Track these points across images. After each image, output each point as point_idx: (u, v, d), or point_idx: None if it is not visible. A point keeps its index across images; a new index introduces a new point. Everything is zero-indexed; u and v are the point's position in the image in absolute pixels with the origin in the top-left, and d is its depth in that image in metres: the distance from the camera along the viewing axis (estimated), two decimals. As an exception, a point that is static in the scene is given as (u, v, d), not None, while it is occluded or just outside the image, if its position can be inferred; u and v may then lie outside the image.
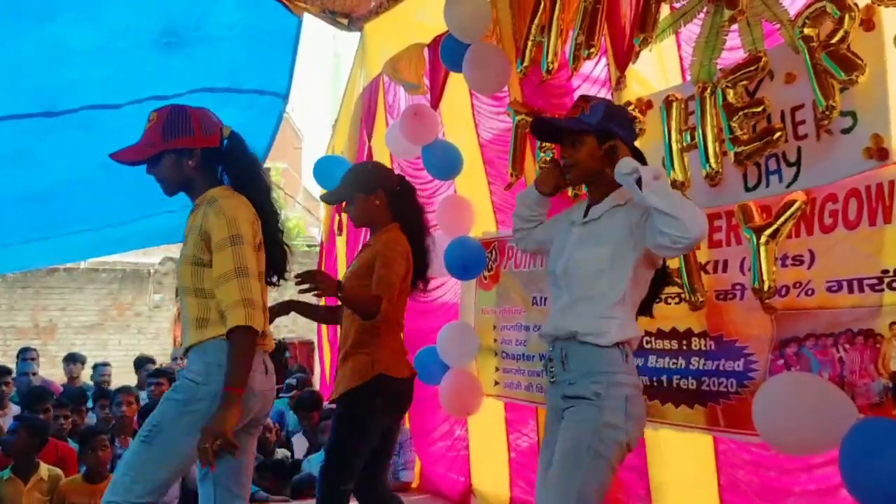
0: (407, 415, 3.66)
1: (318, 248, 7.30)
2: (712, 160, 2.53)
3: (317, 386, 6.56)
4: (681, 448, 2.88)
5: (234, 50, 4.00)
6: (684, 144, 2.66)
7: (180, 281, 2.28)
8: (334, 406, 2.90)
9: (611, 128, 2.17)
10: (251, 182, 2.34)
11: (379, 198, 2.87)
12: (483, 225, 4.04)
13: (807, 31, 2.23)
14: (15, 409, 5.02)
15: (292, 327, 12.44)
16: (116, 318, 12.82)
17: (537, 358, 3.55)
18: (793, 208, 2.38)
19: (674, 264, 2.62)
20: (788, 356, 2.42)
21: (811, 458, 2.44)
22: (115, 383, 6.48)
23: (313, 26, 4.82)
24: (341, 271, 5.58)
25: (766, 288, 2.41)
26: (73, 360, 7.11)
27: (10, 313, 12.21)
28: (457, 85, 3.77)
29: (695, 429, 2.73)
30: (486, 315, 3.98)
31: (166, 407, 2.19)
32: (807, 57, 2.23)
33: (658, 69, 2.92)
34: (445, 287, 4.34)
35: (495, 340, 3.88)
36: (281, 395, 6.31)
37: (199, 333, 2.21)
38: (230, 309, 2.12)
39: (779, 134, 2.35)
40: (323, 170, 4.29)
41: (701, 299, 2.66)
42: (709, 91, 2.53)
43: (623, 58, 2.85)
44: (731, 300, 2.60)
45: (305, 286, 2.52)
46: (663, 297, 2.50)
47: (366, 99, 4.88)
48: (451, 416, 4.25)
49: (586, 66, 3.09)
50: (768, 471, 2.65)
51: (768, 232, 2.41)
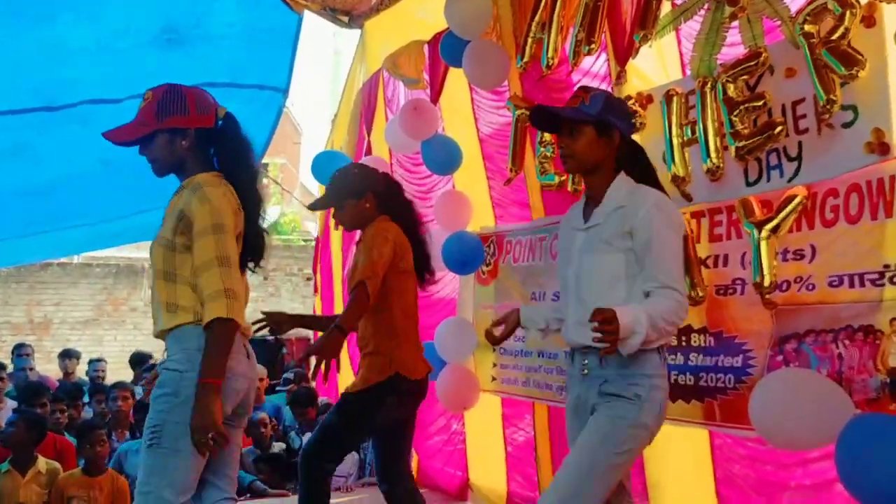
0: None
1: (313, 243, 7.30)
2: (713, 155, 2.53)
3: (313, 382, 6.54)
4: (677, 443, 2.88)
5: (235, 47, 4.00)
6: (685, 139, 2.66)
7: (152, 262, 2.24)
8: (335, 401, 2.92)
9: (610, 119, 2.16)
10: (239, 166, 2.30)
11: (368, 200, 2.87)
12: (481, 220, 4.04)
13: (807, 27, 2.24)
14: (11, 405, 5.00)
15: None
16: (112, 314, 12.77)
17: (535, 354, 3.55)
18: (794, 203, 2.37)
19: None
20: (787, 352, 2.42)
21: (807, 453, 2.43)
22: (112, 379, 6.46)
23: (314, 23, 4.81)
24: (336, 265, 5.59)
25: (766, 283, 2.41)
26: (68, 355, 7.12)
27: (5, 308, 12.16)
28: (457, 79, 3.77)
29: (691, 423, 2.73)
30: (484, 310, 3.97)
31: (158, 405, 2.15)
32: (807, 53, 2.23)
33: (658, 64, 2.92)
34: (443, 282, 4.34)
35: (493, 336, 3.87)
36: (278, 389, 6.30)
37: (171, 318, 2.17)
38: (211, 299, 2.09)
39: (780, 128, 2.36)
40: (321, 165, 4.30)
41: (701, 294, 2.65)
42: (709, 86, 2.53)
43: (623, 53, 2.85)
44: (732, 295, 2.60)
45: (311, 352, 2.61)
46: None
47: (365, 94, 4.88)
48: (447, 410, 4.26)
49: (586, 62, 3.09)
50: (764, 465, 2.65)
51: (769, 226, 2.41)
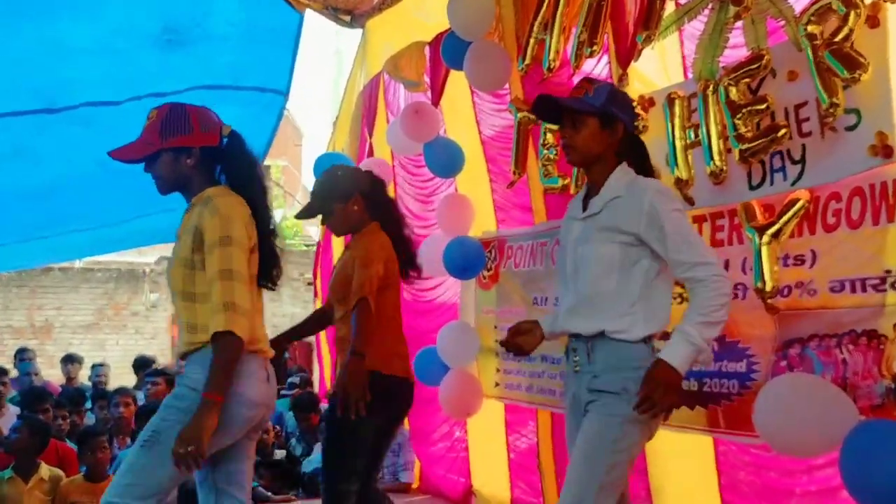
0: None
1: (314, 248, 7.29)
2: (716, 157, 2.51)
3: (317, 386, 6.53)
4: (681, 449, 2.86)
5: (235, 47, 3.98)
6: (688, 142, 2.64)
7: (171, 283, 2.24)
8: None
9: (614, 111, 2.14)
10: (249, 182, 2.31)
11: (356, 202, 2.82)
12: (483, 224, 4.02)
13: (811, 28, 2.22)
14: (13, 410, 4.98)
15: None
16: (113, 318, 12.78)
17: (538, 359, 3.52)
18: (796, 207, 2.36)
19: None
20: (791, 357, 2.40)
21: (812, 460, 2.42)
22: (114, 384, 6.45)
23: (315, 23, 4.80)
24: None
25: (768, 288, 2.39)
26: (70, 360, 7.09)
27: (6, 313, 12.17)
28: (458, 82, 3.75)
29: (695, 430, 2.71)
30: (486, 315, 3.95)
31: (166, 414, 2.18)
32: (810, 55, 2.21)
33: (660, 67, 2.90)
34: (445, 286, 4.32)
35: (496, 341, 3.84)
36: (283, 394, 6.28)
37: (191, 339, 2.19)
38: (213, 313, 2.10)
39: (783, 131, 2.33)
40: (323, 167, 4.27)
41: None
42: (711, 88, 2.51)
43: (625, 56, 2.84)
44: (734, 300, 2.55)
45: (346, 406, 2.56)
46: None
47: (366, 96, 4.86)
48: (450, 417, 4.23)
49: (588, 64, 3.06)
50: (769, 472, 2.64)
51: (771, 231, 2.39)
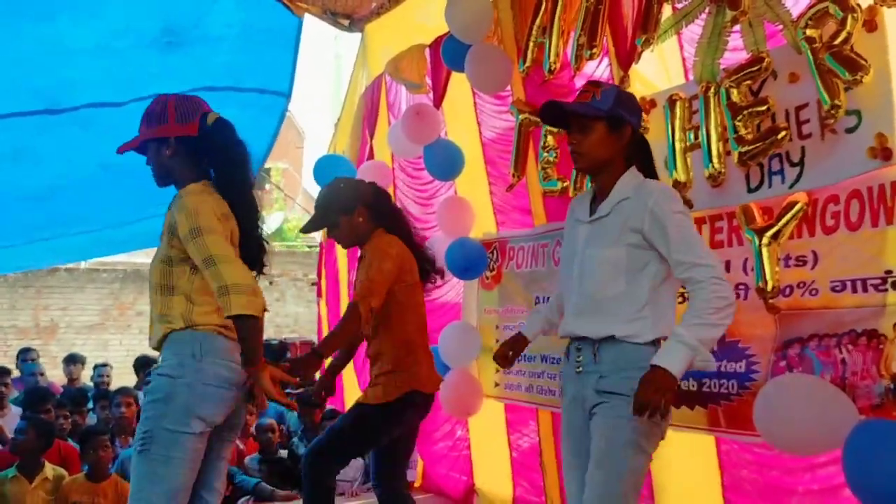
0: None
1: (318, 249, 7.29)
2: (715, 160, 2.52)
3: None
4: (683, 448, 2.87)
5: (235, 49, 3.99)
6: (687, 144, 2.65)
7: (150, 277, 2.26)
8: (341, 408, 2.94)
9: (622, 114, 2.12)
10: (230, 173, 2.29)
11: (361, 214, 2.85)
12: (483, 225, 4.03)
13: (809, 32, 2.23)
14: (15, 410, 4.99)
15: (294, 327, 12.44)
16: (118, 318, 12.79)
17: (539, 359, 3.54)
18: (794, 209, 2.36)
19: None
20: (791, 357, 2.41)
21: (814, 458, 2.43)
22: (117, 384, 6.45)
23: (315, 26, 4.81)
24: (342, 270, 5.57)
25: (769, 288, 2.40)
26: (73, 360, 7.04)
27: (12, 313, 12.17)
28: (459, 83, 3.75)
29: (696, 430, 2.72)
30: (488, 315, 3.96)
31: (149, 411, 2.16)
32: (810, 58, 2.22)
33: (661, 69, 2.91)
34: (448, 286, 4.33)
35: (497, 341, 3.85)
36: (287, 392, 6.27)
37: (162, 327, 2.20)
38: (218, 298, 2.10)
39: (783, 133, 2.35)
40: (323, 169, 4.28)
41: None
42: (712, 90, 2.52)
43: (625, 58, 2.84)
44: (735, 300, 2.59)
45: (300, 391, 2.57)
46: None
47: (368, 98, 4.87)
48: (452, 416, 4.25)
49: (589, 66, 3.07)
50: (771, 470, 2.64)
51: (770, 233, 2.39)
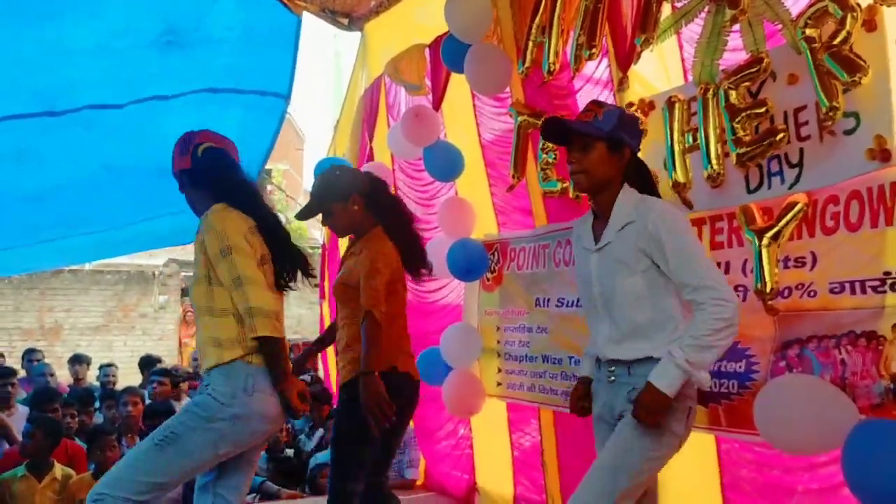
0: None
1: (319, 251, 7.29)
2: (714, 161, 2.52)
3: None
4: (683, 447, 2.87)
5: (235, 50, 3.99)
6: (686, 145, 2.65)
7: (194, 301, 2.35)
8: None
9: (622, 136, 2.14)
10: (230, 195, 2.39)
11: (356, 202, 2.82)
12: (484, 226, 4.03)
13: (809, 31, 2.22)
14: (22, 410, 5.00)
15: (297, 329, 12.46)
16: (122, 320, 12.84)
17: (540, 359, 3.55)
18: (794, 210, 2.36)
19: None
20: (790, 358, 2.41)
21: (814, 458, 2.42)
22: (122, 384, 6.49)
23: (314, 26, 4.80)
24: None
25: (768, 289, 2.39)
26: (78, 361, 7.10)
27: (16, 314, 12.24)
28: (458, 85, 3.75)
29: (697, 429, 2.71)
30: (489, 316, 3.97)
31: (187, 418, 2.24)
32: (809, 58, 2.21)
33: (660, 70, 2.90)
34: (448, 288, 4.34)
35: (498, 342, 3.87)
36: None
37: (218, 354, 2.26)
38: (244, 319, 2.22)
39: (781, 135, 2.34)
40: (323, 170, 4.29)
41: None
42: (711, 92, 2.52)
43: (625, 59, 2.84)
44: (734, 301, 2.59)
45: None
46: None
47: (367, 100, 4.87)
48: (454, 415, 4.26)
49: (588, 67, 3.07)
50: (771, 469, 2.64)
51: (770, 234, 2.39)
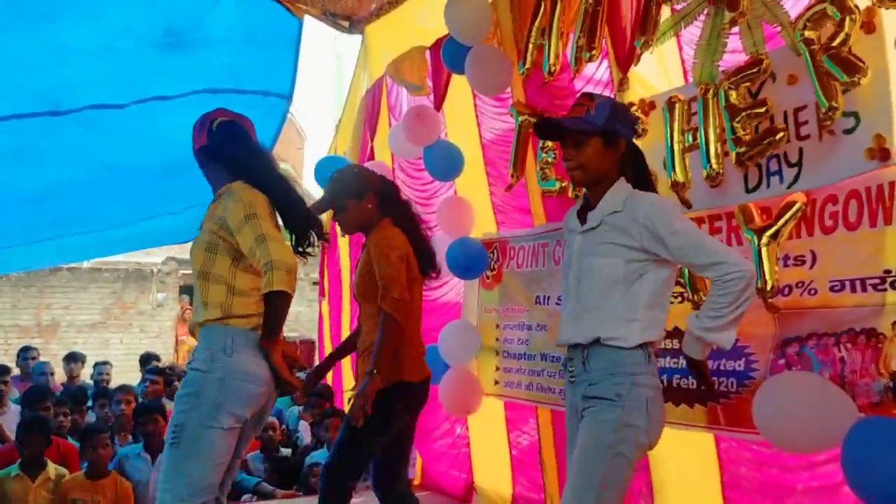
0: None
1: (319, 248, 7.29)
2: (713, 161, 2.54)
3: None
4: (682, 445, 2.88)
5: (236, 51, 4.01)
6: (686, 145, 2.66)
7: (193, 264, 2.38)
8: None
9: (617, 128, 2.12)
10: (245, 166, 2.41)
11: (370, 201, 2.85)
12: (483, 225, 4.05)
13: (808, 33, 2.24)
14: (14, 409, 4.99)
15: (294, 326, 12.45)
16: (119, 317, 12.82)
17: (539, 357, 3.56)
18: (793, 209, 2.37)
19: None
20: (790, 356, 2.42)
21: (814, 456, 2.43)
22: (116, 382, 6.46)
23: (315, 28, 4.82)
24: (345, 269, 5.59)
25: (768, 287, 2.41)
26: (73, 359, 7.02)
27: (14, 312, 12.20)
28: (460, 85, 3.76)
29: (696, 427, 2.73)
30: (488, 314, 3.98)
31: (181, 405, 2.24)
32: (808, 59, 2.23)
33: (660, 71, 2.92)
34: (448, 286, 4.35)
35: (497, 339, 3.88)
36: None
37: (202, 313, 2.30)
38: (263, 275, 2.22)
39: (781, 134, 2.36)
40: (324, 170, 4.30)
41: (703, 298, 2.64)
42: (711, 92, 2.54)
43: (624, 60, 2.85)
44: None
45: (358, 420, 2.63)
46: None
47: (369, 100, 4.88)
48: (451, 414, 4.26)
49: (589, 68, 3.09)
50: (771, 468, 2.65)
51: (769, 233, 2.41)
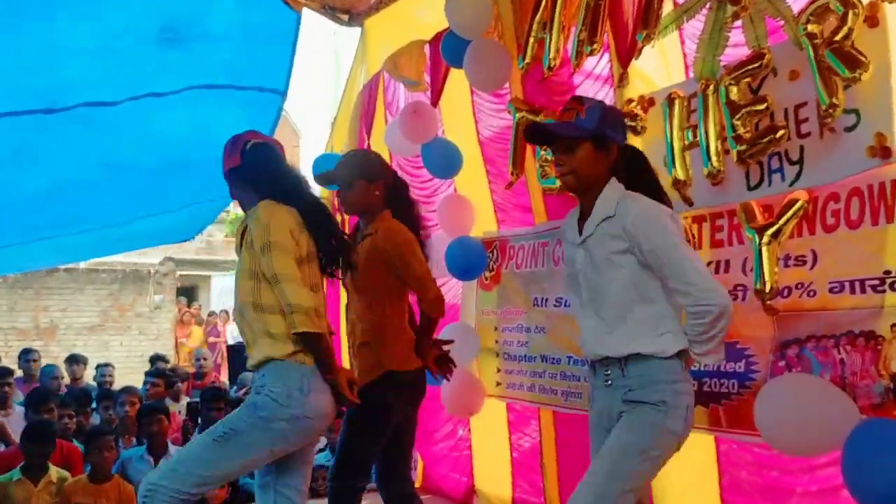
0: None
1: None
2: (714, 159, 2.51)
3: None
4: (682, 448, 2.86)
5: (233, 47, 3.97)
6: (686, 142, 2.64)
7: (241, 296, 2.38)
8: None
9: (607, 132, 2.09)
10: (278, 187, 2.42)
11: (378, 188, 2.84)
12: (483, 223, 4.02)
13: (810, 27, 2.22)
14: (19, 411, 4.96)
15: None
16: (117, 319, 12.82)
17: (539, 359, 3.53)
18: (795, 207, 2.36)
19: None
20: (789, 357, 2.41)
21: (813, 459, 2.43)
22: (118, 384, 6.44)
23: (313, 22, 4.78)
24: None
25: (767, 289, 2.39)
26: (75, 360, 7.00)
27: (11, 314, 12.19)
28: (457, 82, 3.74)
29: (697, 429, 2.70)
30: (487, 316, 3.95)
31: (246, 416, 2.28)
32: (810, 54, 2.21)
33: (661, 65, 2.90)
34: (446, 287, 4.31)
35: (496, 341, 3.85)
36: None
37: (272, 346, 2.31)
38: (286, 317, 2.28)
39: (781, 132, 2.34)
40: (321, 169, 4.27)
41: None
42: (712, 88, 2.51)
43: (626, 54, 2.83)
44: (734, 301, 2.55)
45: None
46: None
47: (365, 96, 4.85)
48: (453, 416, 4.23)
49: (588, 63, 3.07)
50: (770, 471, 2.64)
51: (770, 231, 2.39)
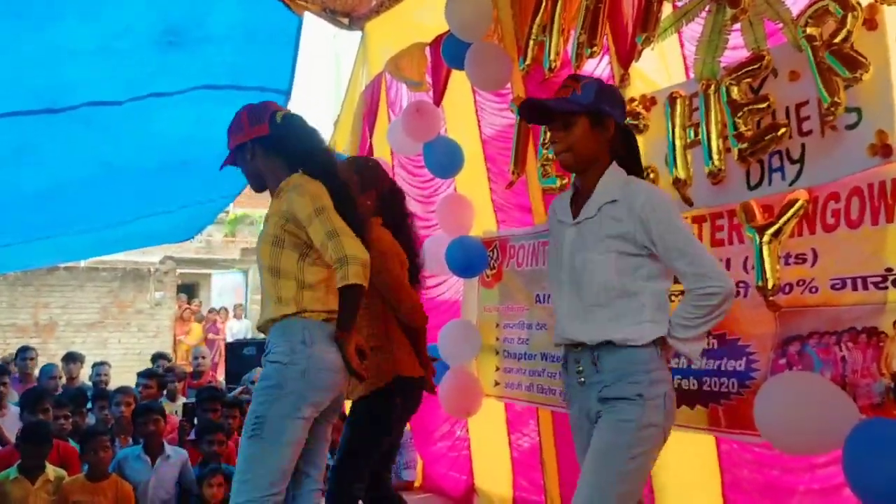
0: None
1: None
2: (715, 157, 2.52)
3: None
4: (683, 447, 2.86)
5: (236, 48, 3.98)
6: (687, 141, 2.65)
7: (260, 259, 2.40)
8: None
9: (604, 108, 2.07)
10: (311, 160, 2.43)
11: (370, 197, 2.87)
12: (483, 223, 4.03)
13: (809, 30, 2.23)
14: (14, 410, 4.94)
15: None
16: (117, 317, 12.80)
17: (539, 357, 3.53)
18: (795, 207, 2.37)
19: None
20: (791, 355, 2.41)
21: (815, 458, 2.43)
22: (115, 383, 6.40)
23: (314, 24, 4.80)
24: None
25: (769, 286, 2.40)
26: (72, 359, 6.85)
27: (11, 311, 12.17)
28: (460, 82, 3.74)
29: (697, 430, 2.71)
30: (488, 313, 3.95)
31: (262, 396, 2.27)
32: (810, 56, 2.22)
33: (661, 66, 2.91)
34: (447, 284, 4.33)
35: (497, 339, 3.85)
36: None
37: (278, 308, 2.32)
38: (338, 269, 2.25)
39: (783, 130, 2.34)
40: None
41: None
42: (713, 88, 2.52)
43: (625, 56, 2.84)
44: (735, 298, 2.58)
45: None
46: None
47: (368, 96, 4.85)
48: (451, 416, 4.24)
49: (589, 64, 3.07)
50: (771, 470, 2.65)
51: (770, 231, 2.40)
